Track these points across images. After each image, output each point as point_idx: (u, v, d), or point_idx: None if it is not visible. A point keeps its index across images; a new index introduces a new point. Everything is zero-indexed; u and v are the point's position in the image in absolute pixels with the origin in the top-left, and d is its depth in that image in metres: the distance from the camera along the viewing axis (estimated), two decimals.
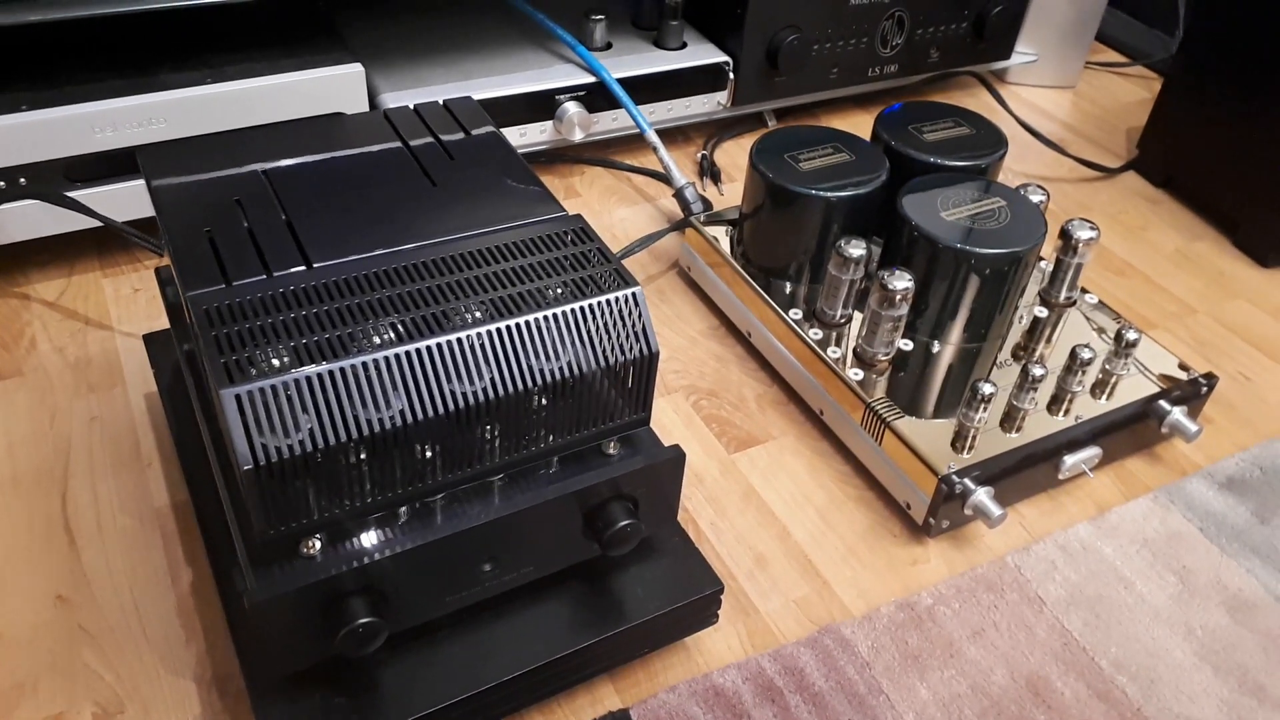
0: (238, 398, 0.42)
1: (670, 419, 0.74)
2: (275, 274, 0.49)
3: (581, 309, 0.50)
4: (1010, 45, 1.14)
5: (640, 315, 0.51)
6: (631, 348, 0.51)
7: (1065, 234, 0.75)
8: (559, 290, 0.50)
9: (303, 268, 0.50)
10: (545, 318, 0.49)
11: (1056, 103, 1.19)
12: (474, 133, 0.62)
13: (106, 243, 0.86)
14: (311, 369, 0.44)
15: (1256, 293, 0.91)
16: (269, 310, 0.47)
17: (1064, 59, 1.19)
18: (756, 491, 0.69)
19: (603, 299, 0.50)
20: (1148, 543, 0.66)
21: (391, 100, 0.87)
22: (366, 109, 0.84)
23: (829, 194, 0.74)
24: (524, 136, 0.94)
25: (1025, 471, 0.67)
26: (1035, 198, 0.76)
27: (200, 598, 0.60)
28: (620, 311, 0.50)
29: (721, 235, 0.83)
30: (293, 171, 0.56)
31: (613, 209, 0.96)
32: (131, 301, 0.80)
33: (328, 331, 0.46)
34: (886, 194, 0.75)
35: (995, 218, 0.71)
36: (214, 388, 0.43)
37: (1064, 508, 0.69)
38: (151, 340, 0.69)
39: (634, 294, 0.50)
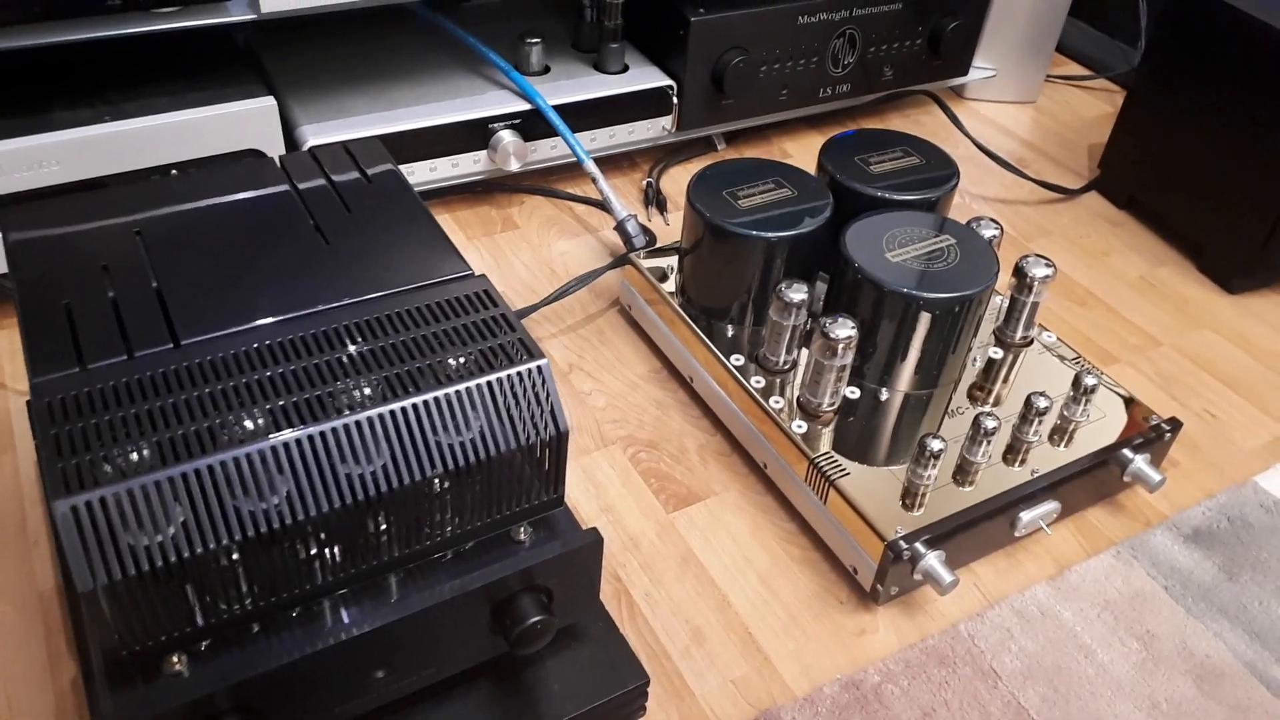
0: (75, 511, 0.37)
1: (607, 474, 0.70)
2: (138, 354, 0.44)
3: (481, 386, 0.45)
4: (967, 61, 1.10)
5: (547, 391, 0.46)
6: (539, 427, 0.46)
7: (1020, 272, 0.71)
8: (458, 364, 0.45)
9: (170, 346, 0.45)
10: (441, 397, 0.44)
11: (1016, 119, 1.15)
12: (375, 179, 0.57)
13: None
14: (171, 470, 0.39)
15: (1222, 322, 0.87)
16: (124, 400, 0.42)
17: (1024, 73, 1.15)
18: (696, 555, 0.65)
19: (505, 374, 0.45)
20: (1109, 605, 0.62)
21: (310, 134, 0.82)
22: (281, 145, 0.79)
23: (769, 234, 0.69)
24: (457, 167, 0.89)
25: (980, 527, 0.63)
26: (987, 233, 0.72)
27: (83, 696, 0.54)
28: (525, 387, 0.46)
29: (667, 269, 0.78)
30: (172, 228, 0.51)
31: (553, 241, 0.91)
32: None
33: (194, 423, 0.41)
34: (831, 230, 0.71)
35: (944, 257, 0.67)
36: (48, 498, 0.38)
37: (1021, 566, 0.65)
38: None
39: (539, 367, 0.46)
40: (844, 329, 0.63)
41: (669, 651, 0.59)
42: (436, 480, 0.45)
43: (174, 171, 0.76)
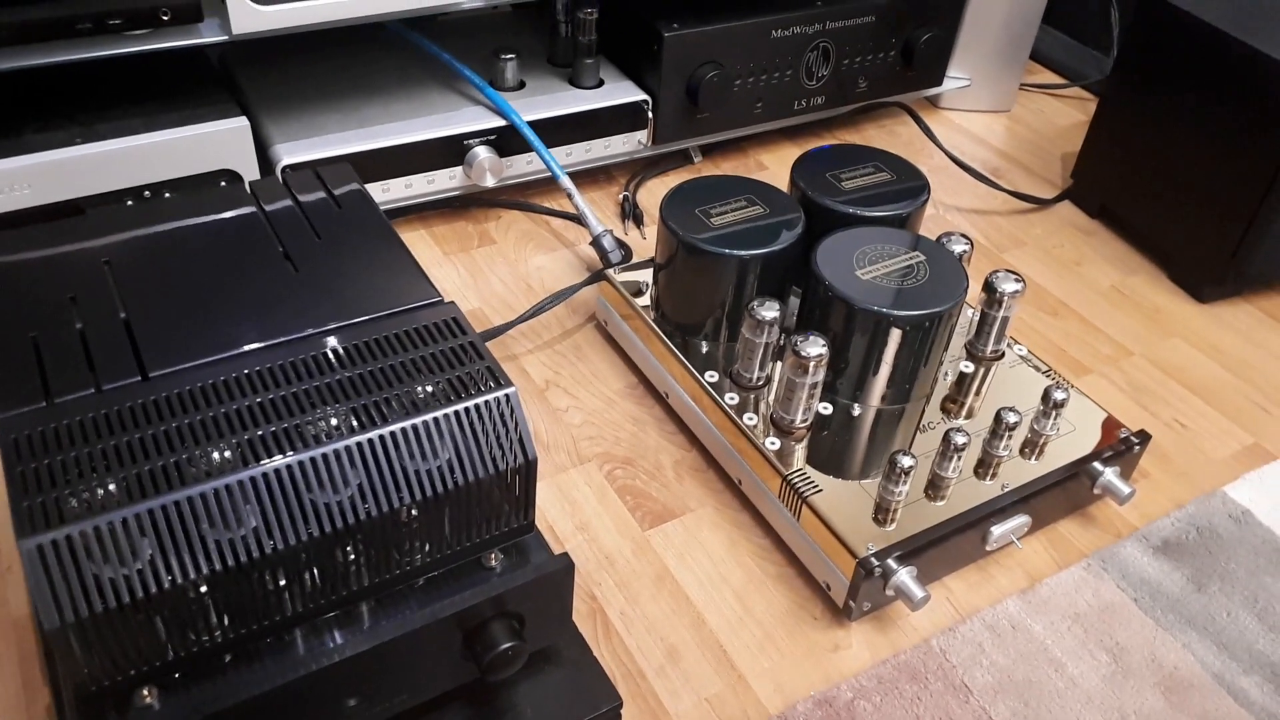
0: (40, 549, 0.37)
1: (583, 492, 0.70)
2: (106, 388, 0.44)
3: (450, 416, 0.45)
4: (941, 72, 1.11)
5: (515, 420, 0.46)
6: (508, 455, 0.46)
7: (990, 287, 0.71)
8: (427, 394, 0.46)
9: (138, 379, 0.45)
10: (409, 428, 0.44)
11: (991, 128, 1.16)
12: (345, 204, 0.57)
13: None
14: (138, 506, 0.39)
15: (1191, 330, 0.88)
16: (91, 436, 0.42)
17: (998, 82, 1.16)
18: (671, 573, 0.65)
19: (474, 403, 0.46)
20: (1079, 617, 0.63)
21: (285, 153, 0.82)
22: (255, 164, 0.79)
23: (741, 252, 0.70)
24: (432, 184, 0.89)
25: (952, 542, 0.64)
26: (957, 248, 0.73)
27: None
28: (494, 416, 0.46)
29: (642, 285, 0.79)
30: (140, 257, 0.51)
31: (529, 256, 0.91)
32: None
33: (162, 458, 0.41)
34: (803, 246, 0.72)
35: (914, 275, 0.68)
36: (15, 536, 0.38)
37: (993, 579, 0.66)
38: None
39: (508, 396, 0.46)
40: (815, 347, 0.64)
41: (644, 671, 0.59)
42: (406, 509, 0.45)
43: (147, 194, 0.76)
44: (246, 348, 0.47)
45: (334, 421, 0.45)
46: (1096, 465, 0.67)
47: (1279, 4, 0.90)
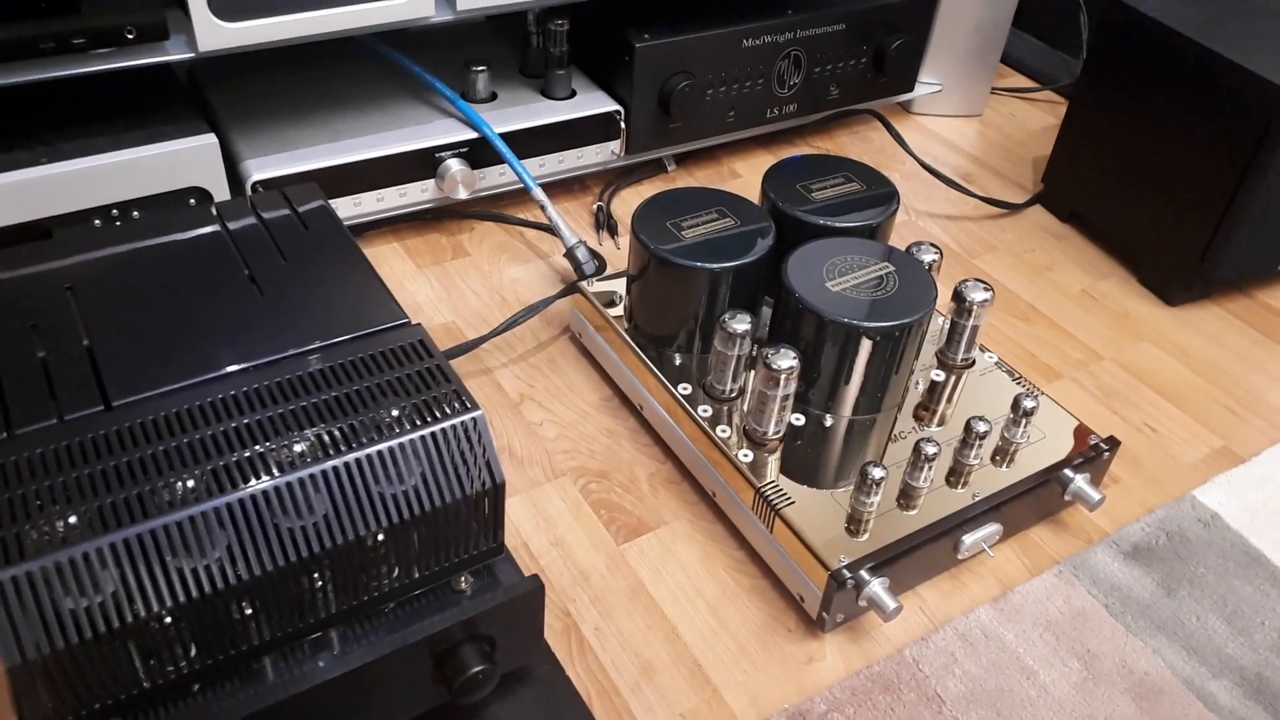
0: (0, 587, 0.37)
1: (557, 507, 0.70)
2: (68, 418, 0.44)
3: (415, 441, 0.45)
4: (913, 78, 1.11)
5: (482, 444, 0.46)
6: (475, 479, 0.46)
7: (959, 296, 0.72)
8: (394, 419, 0.46)
9: (101, 408, 0.45)
10: (375, 454, 0.44)
11: (963, 132, 1.16)
12: (312, 225, 0.57)
13: None
14: (100, 540, 0.39)
15: (1161, 334, 0.89)
16: (53, 468, 0.41)
17: (969, 87, 1.17)
18: (646, 587, 0.65)
19: (440, 428, 0.46)
20: (1051, 625, 0.64)
21: (254, 168, 0.81)
22: (224, 181, 0.79)
23: (712, 265, 0.70)
24: (405, 197, 0.89)
25: (924, 551, 0.64)
26: (927, 257, 0.73)
27: None
28: (460, 441, 0.46)
29: (616, 297, 0.79)
30: (104, 282, 0.51)
31: (504, 268, 0.91)
32: None
33: (125, 490, 0.41)
34: (774, 258, 0.72)
35: (883, 286, 0.68)
36: None
37: (966, 587, 0.66)
38: None
39: (475, 420, 0.46)
40: (785, 360, 0.64)
41: (618, 687, 0.59)
42: (374, 534, 0.45)
43: (115, 212, 0.76)
44: (212, 374, 0.47)
45: (300, 448, 0.44)
46: (1067, 472, 0.68)
47: (1243, 9, 0.91)
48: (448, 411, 0.46)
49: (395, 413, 0.46)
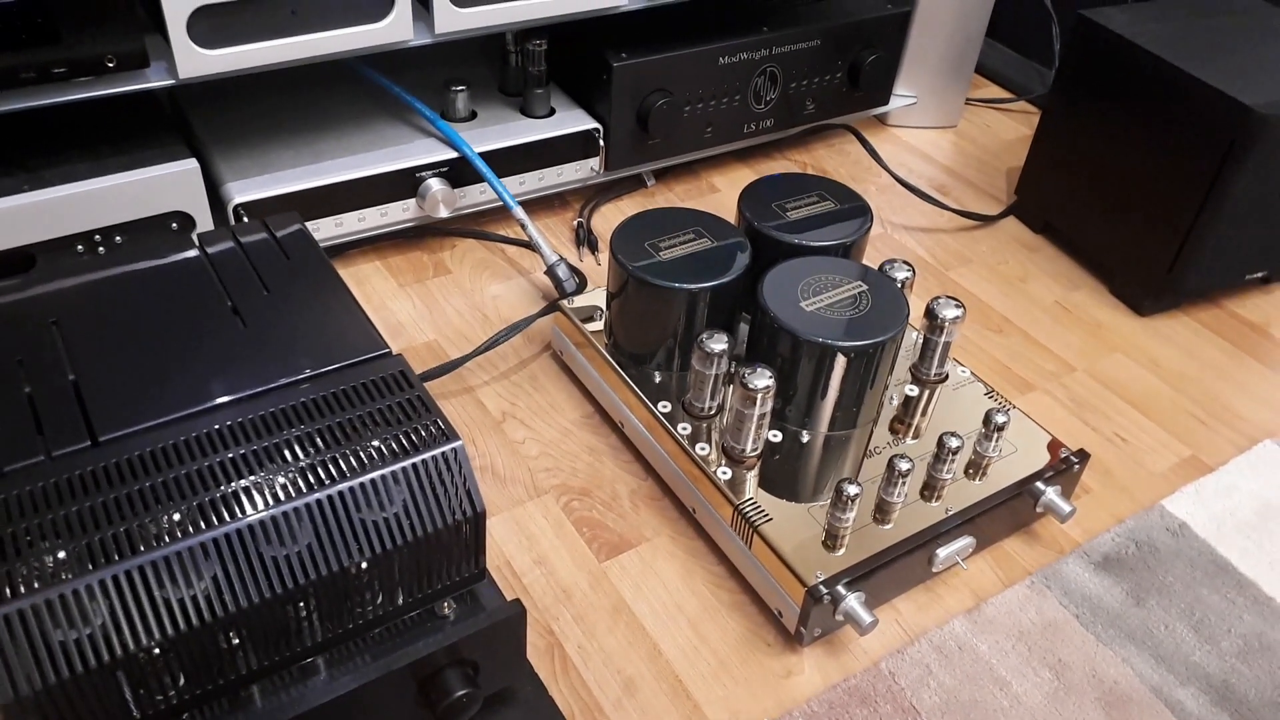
0: None
1: (540, 525, 0.71)
2: (55, 455, 0.45)
3: (397, 472, 0.46)
4: (888, 91, 1.13)
5: (463, 474, 0.47)
6: (455, 508, 0.47)
7: (931, 313, 0.73)
8: (375, 451, 0.47)
9: (87, 444, 0.45)
10: (357, 486, 0.45)
11: (938, 144, 1.18)
12: (294, 255, 0.58)
13: None
14: (89, 578, 0.40)
15: (1132, 344, 0.91)
16: (41, 506, 0.42)
17: (944, 99, 1.19)
18: (627, 604, 0.66)
19: (420, 459, 0.47)
20: (1023, 635, 0.65)
21: (236, 191, 0.82)
22: (206, 205, 0.79)
23: (689, 285, 0.71)
24: (386, 216, 0.90)
25: (900, 564, 0.65)
26: (899, 275, 0.75)
27: None
28: (442, 470, 0.47)
29: (597, 309, 0.80)
30: (89, 316, 0.52)
31: (485, 285, 0.92)
32: None
33: (113, 526, 0.42)
34: (751, 276, 0.73)
35: (856, 305, 0.69)
36: None
37: (941, 600, 0.68)
38: None
39: (455, 450, 0.47)
40: (761, 379, 0.65)
41: (601, 705, 0.61)
42: (357, 564, 0.46)
43: (98, 238, 0.76)
44: (197, 408, 0.48)
45: (284, 480, 0.45)
46: (1038, 485, 0.69)
47: (1209, 25, 0.93)
48: (428, 442, 0.47)
49: (377, 444, 0.47)
